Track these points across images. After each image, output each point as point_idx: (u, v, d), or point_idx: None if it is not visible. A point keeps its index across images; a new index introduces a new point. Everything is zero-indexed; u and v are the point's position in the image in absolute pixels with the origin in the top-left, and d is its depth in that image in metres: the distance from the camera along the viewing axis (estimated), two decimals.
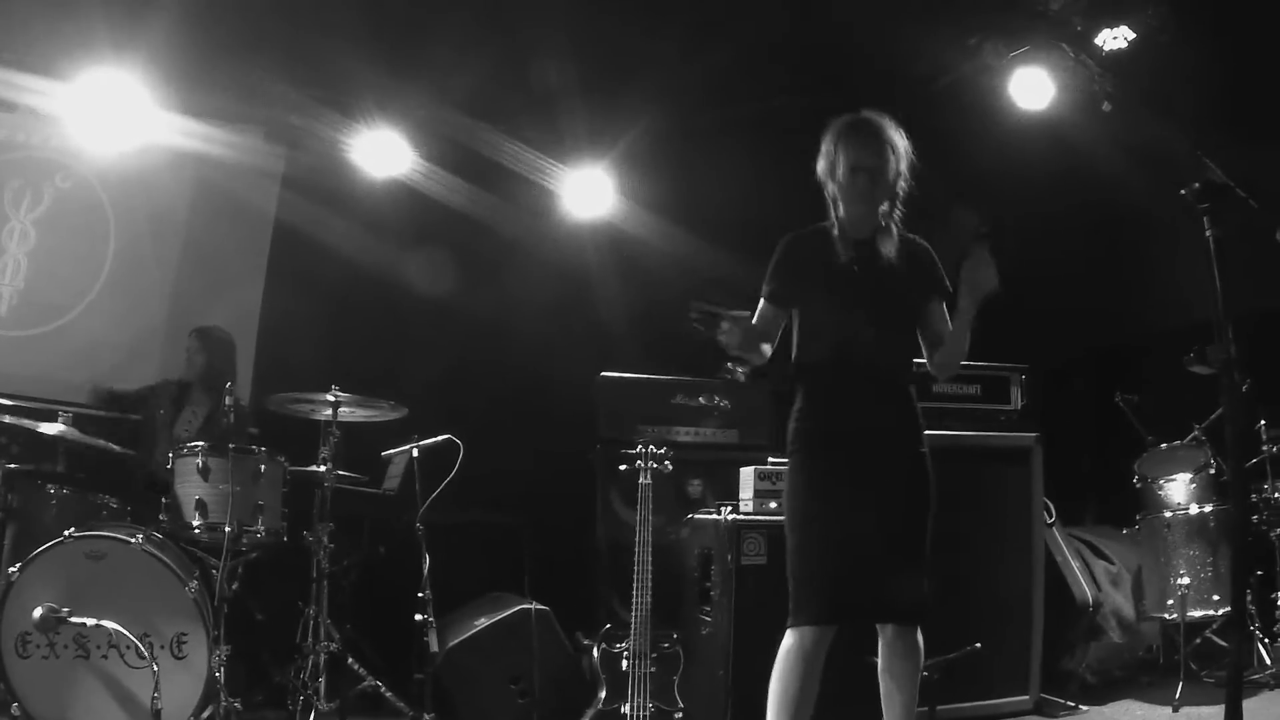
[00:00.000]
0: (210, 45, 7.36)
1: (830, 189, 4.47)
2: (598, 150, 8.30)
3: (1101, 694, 6.62)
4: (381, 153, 8.09)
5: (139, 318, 8.29)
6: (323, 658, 5.84)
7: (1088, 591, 6.74)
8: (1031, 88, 7.08)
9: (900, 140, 4.41)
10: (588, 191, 8.43)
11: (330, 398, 6.03)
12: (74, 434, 5.96)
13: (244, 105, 8.18)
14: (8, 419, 5.90)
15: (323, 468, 6.09)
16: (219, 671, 5.29)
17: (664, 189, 8.39)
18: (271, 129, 8.39)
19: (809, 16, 7.09)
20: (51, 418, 5.96)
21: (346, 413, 6.16)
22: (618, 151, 8.31)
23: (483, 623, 6.35)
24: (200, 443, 5.89)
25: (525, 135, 8.11)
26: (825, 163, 4.46)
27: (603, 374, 7.15)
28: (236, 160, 8.36)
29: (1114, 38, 6.68)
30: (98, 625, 4.97)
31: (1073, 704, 6.31)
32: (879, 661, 4.39)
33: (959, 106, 7.47)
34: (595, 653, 5.49)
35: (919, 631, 4.36)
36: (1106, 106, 6.82)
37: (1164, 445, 6.90)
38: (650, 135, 8.14)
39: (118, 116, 7.70)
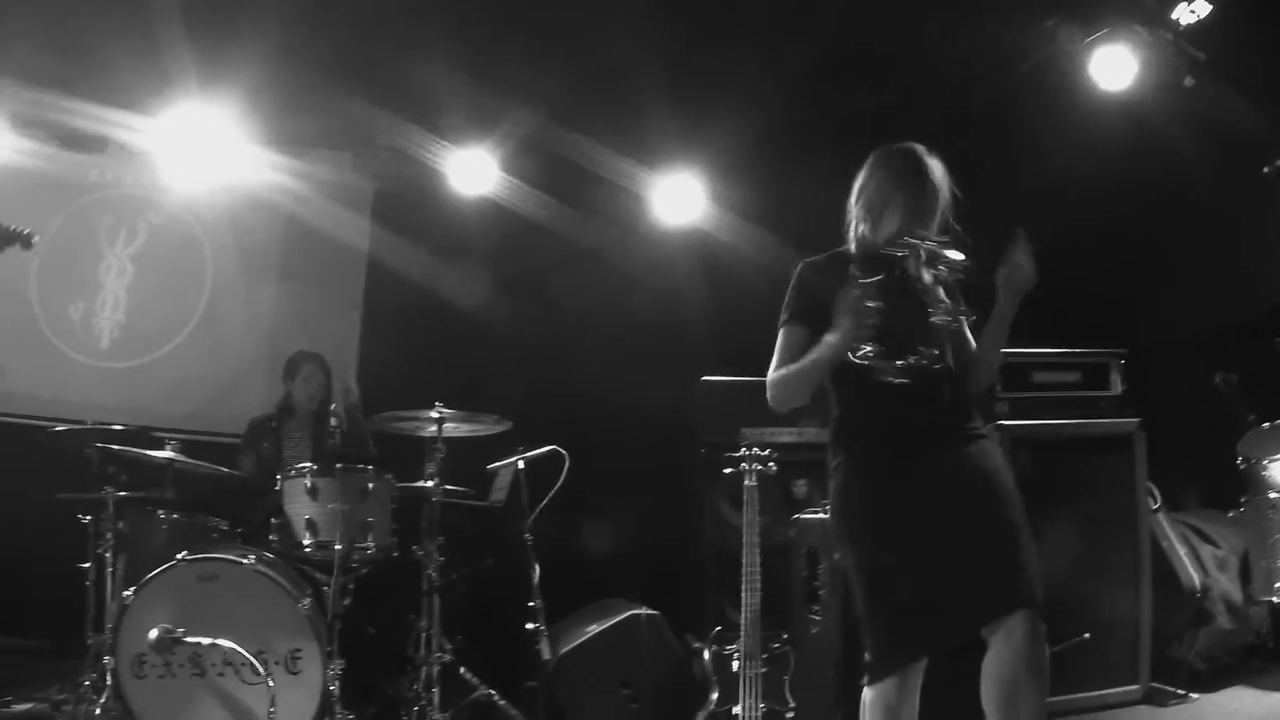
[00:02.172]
0: (296, 74, 7.41)
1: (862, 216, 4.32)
2: (687, 157, 8.26)
3: (1211, 681, 6.47)
4: (470, 170, 8.13)
5: (237, 348, 8.47)
6: (435, 669, 5.88)
7: (1195, 577, 6.62)
8: (1112, 68, 7.00)
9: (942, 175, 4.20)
10: (677, 198, 8.39)
11: (434, 414, 6.06)
12: (182, 459, 6.05)
13: (331, 132, 8.34)
14: (116, 447, 5.97)
15: (430, 483, 6.13)
16: (333, 685, 5.35)
17: (755, 194, 8.34)
18: (360, 154, 8.52)
19: (885, 16, 7.07)
20: (159, 445, 6.06)
21: (451, 428, 6.19)
22: (708, 158, 8.27)
23: (593, 629, 6.36)
24: (308, 464, 5.99)
25: (613, 144, 8.08)
26: (870, 196, 4.31)
27: (704, 378, 7.14)
28: (326, 187, 8.53)
29: (1190, 11, 6.60)
30: (213, 644, 5.08)
31: (1183, 692, 6.21)
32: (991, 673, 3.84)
33: (1039, 92, 7.41)
34: (706, 655, 5.49)
35: (1037, 621, 3.80)
36: (1189, 82, 6.74)
37: (1266, 425, 6.78)
38: (741, 140, 8.08)
39: (207, 151, 7.86)
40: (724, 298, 8.17)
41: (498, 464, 6.52)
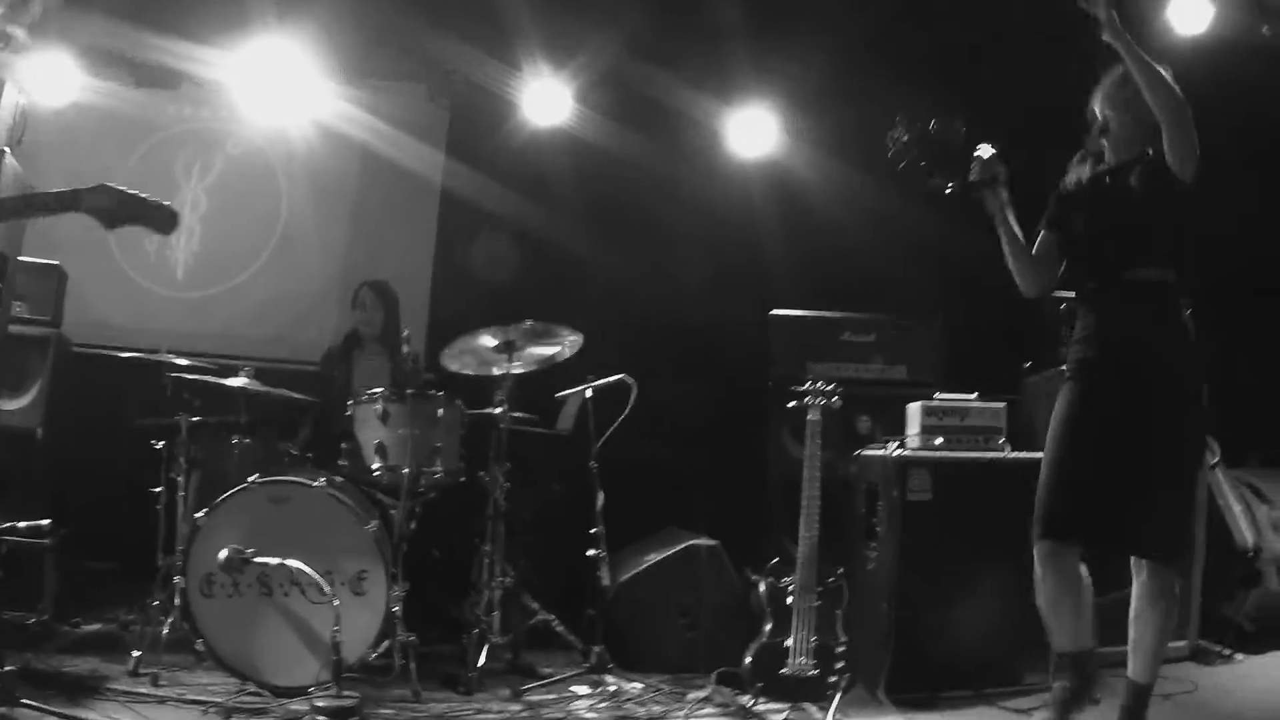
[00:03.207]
0: (371, 6, 7.55)
1: None
2: (762, 89, 8.22)
3: (1259, 643, 6.45)
4: (545, 101, 8.15)
5: (314, 275, 8.66)
6: (497, 593, 5.97)
7: (1248, 536, 6.59)
8: (1189, 11, 6.91)
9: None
10: (752, 130, 8.33)
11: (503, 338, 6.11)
12: (255, 385, 6.16)
13: (407, 64, 8.40)
14: (189, 375, 6.10)
15: (498, 409, 6.19)
16: (396, 607, 5.46)
17: (829, 127, 8.30)
18: (434, 85, 8.55)
19: None
20: (232, 373, 6.17)
21: (519, 356, 6.22)
22: (783, 90, 8.23)
23: (653, 558, 6.44)
24: (379, 390, 6.07)
25: (689, 76, 8.08)
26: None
27: (773, 312, 7.15)
28: (401, 118, 8.60)
29: None
30: (280, 564, 5.17)
31: (1229, 652, 6.22)
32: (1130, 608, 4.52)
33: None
34: (762, 587, 5.53)
35: (1173, 578, 4.49)
36: (1266, 31, 6.64)
37: None
38: (817, 73, 8.05)
39: (282, 85, 7.98)
40: (798, 231, 8.17)
41: (566, 392, 6.56)
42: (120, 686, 5.22)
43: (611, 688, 5.69)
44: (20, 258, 5.99)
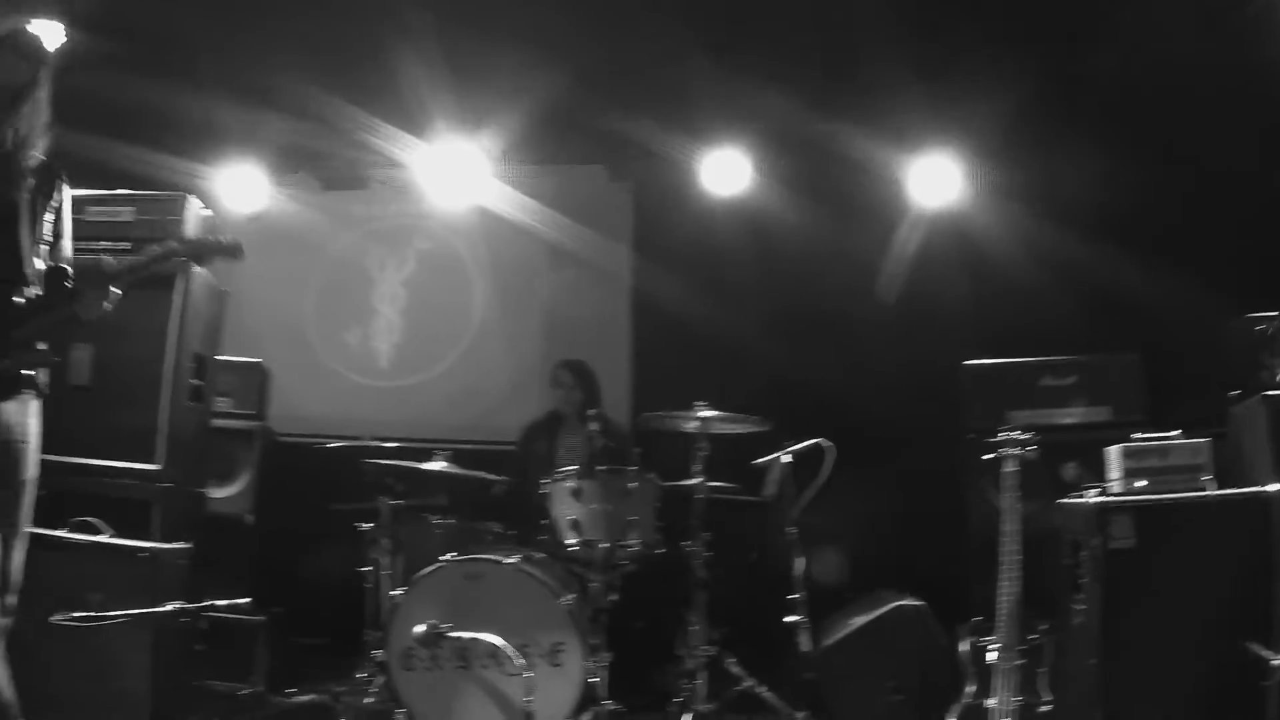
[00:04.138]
0: (548, 92, 7.70)
1: None
2: (942, 137, 8.11)
3: None
4: (724, 170, 8.24)
5: (511, 360, 8.86)
6: (700, 661, 5.95)
7: None
8: None
9: None
10: (934, 179, 8.23)
11: (697, 415, 6.17)
12: (452, 468, 6.35)
13: (586, 145, 8.63)
14: (389, 461, 6.31)
15: (696, 480, 6.22)
16: (596, 677, 5.49)
17: (1015, 175, 8.13)
18: (614, 164, 8.79)
19: None
20: (429, 456, 6.36)
21: (714, 426, 6.25)
22: (963, 136, 8.09)
23: (858, 621, 6.31)
24: (572, 466, 6.21)
25: (866, 128, 8.00)
26: None
27: (966, 362, 7.05)
28: (585, 200, 8.85)
29: None
30: (476, 639, 5.28)
31: None
32: None
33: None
34: (964, 646, 5.43)
35: None
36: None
37: None
38: (999, 119, 7.94)
39: (466, 176, 8.32)
40: (982, 278, 8.04)
41: (764, 459, 6.57)
42: None
43: None
44: (222, 357, 6.32)
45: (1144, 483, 5.53)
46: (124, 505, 5.60)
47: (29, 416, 4.30)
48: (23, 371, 4.25)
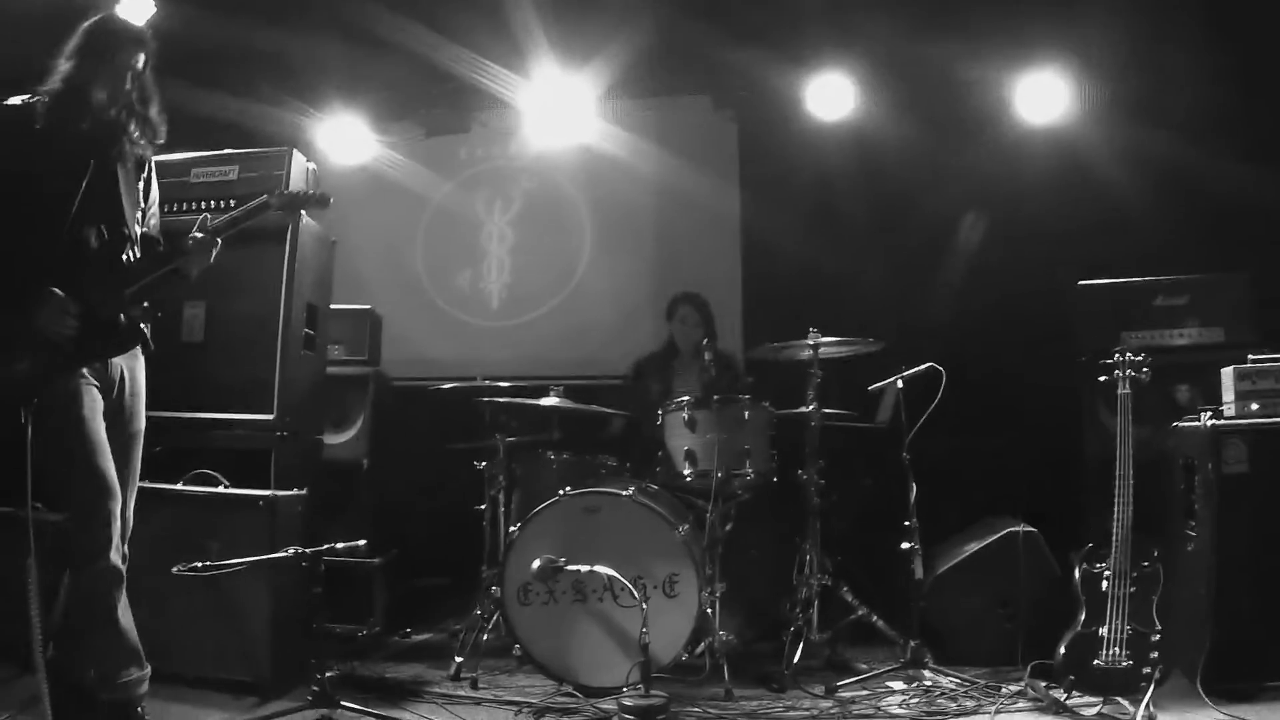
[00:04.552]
0: (651, 22, 7.70)
1: None
2: (1051, 51, 7.86)
3: None
4: (829, 95, 8.08)
5: (622, 295, 8.86)
6: (815, 590, 5.99)
7: None
8: None
9: None
10: (1041, 96, 7.96)
11: (810, 341, 6.14)
12: (566, 403, 6.37)
13: (689, 75, 8.57)
14: (504, 399, 6.39)
15: (809, 408, 6.21)
16: (710, 607, 5.51)
17: (1124, 89, 7.86)
18: (718, 93, 8.68)
19: None
20: (543, 392, 6.38)
21: (827, 352, 6.23)
22: (1074, 51, 7.84)
23: (971, 548, 6.29)
24: (686, 397, 6.21)
25: (972, 43, 7.84)
26: None
27: (1081, 282, 6.88)
28: (691, 132, 8.80)
29: None
30: (591, 571, 5.31)
31: None
32: None
33: None
34: (1077, 573, 5.33)
35: None
36: None
37: None
38: (1109, 32, 7.69)
39: (569, 113, 8.28)
40: (1091, 197, 7.85)
41: (878, 384, 6.51)
42: (440, 690, 5.54)
43: (926, 683, 5.57)
44: (334, 305, 6.41)
45: (1258, 406, 5.40)
46: (242, 456, 5.75)
47: (140, 370, 4.53)
48: (134, 327, 4.44)
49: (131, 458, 4.50)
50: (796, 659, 5.76)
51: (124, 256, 4.44)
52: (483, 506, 6.46)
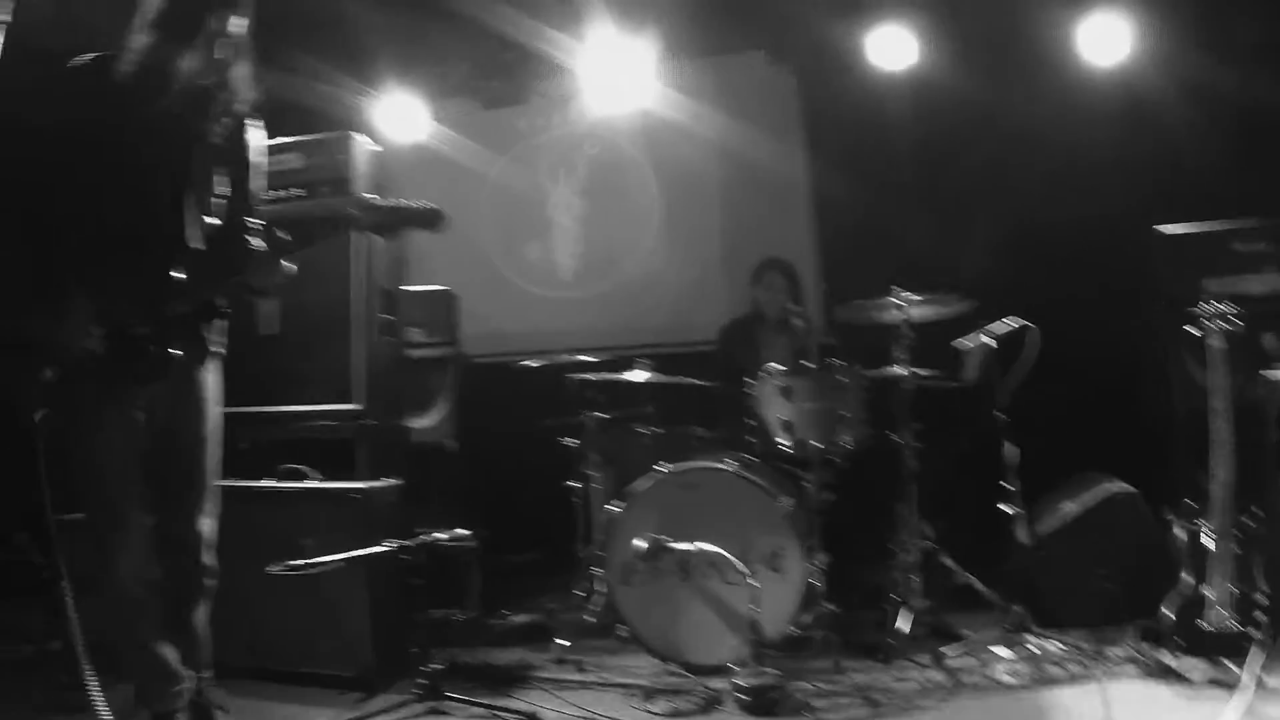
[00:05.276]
0: None
1: None
2: None
3: None
4: (889, 44, 7.86)
5: (697, 259, 8.73)
6: (915, 557, 5.90)
7: None
8: None
9: None
10: (1106, 37, 7.65)
11: (895, 300, 6.03)
12: (656, 377, 6.29)
13: (743, 32, 8.40)
14: (593, 375, 6.34)
15: (899, 370, 6.09)
16: (815, 579, 5.43)
17: (1190, 27, 7.64)
18: (774, 49, 8.49)
19: None
20: (631, 364, 6.34)
21: (914, 312, 6.09)
22: None
23: (1069, 509, 6.18)
24: (778, 365, 6.09)
25: None
26: None
27: (1156, 228, 6.69)
28: (749, 89, 8.62)
29: None
30: (697, 549, 5.25)
31: None
32: None
33: None
34: (1177, 532, 5.16)
35: None
36: None
37: None
38: None
39: (627, 76, 8.15)
40: (1165, 141, 7.61)
41: (966, 342, 6.35)
42: (546, 674, 5.51)
43: (1031, 648, 5.45)
44: (408, 288, 6.31)
45: None
46: (328, 448, 5.70)
47: (207, 374, 4.24)
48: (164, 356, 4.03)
49: (195, 466, 4.21)
50: (901, 627, 5.66)
51: (181, 260, 3.98)
52: (574, 484, 6.42)
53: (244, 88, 4.17)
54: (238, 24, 4.04)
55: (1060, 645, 5.43)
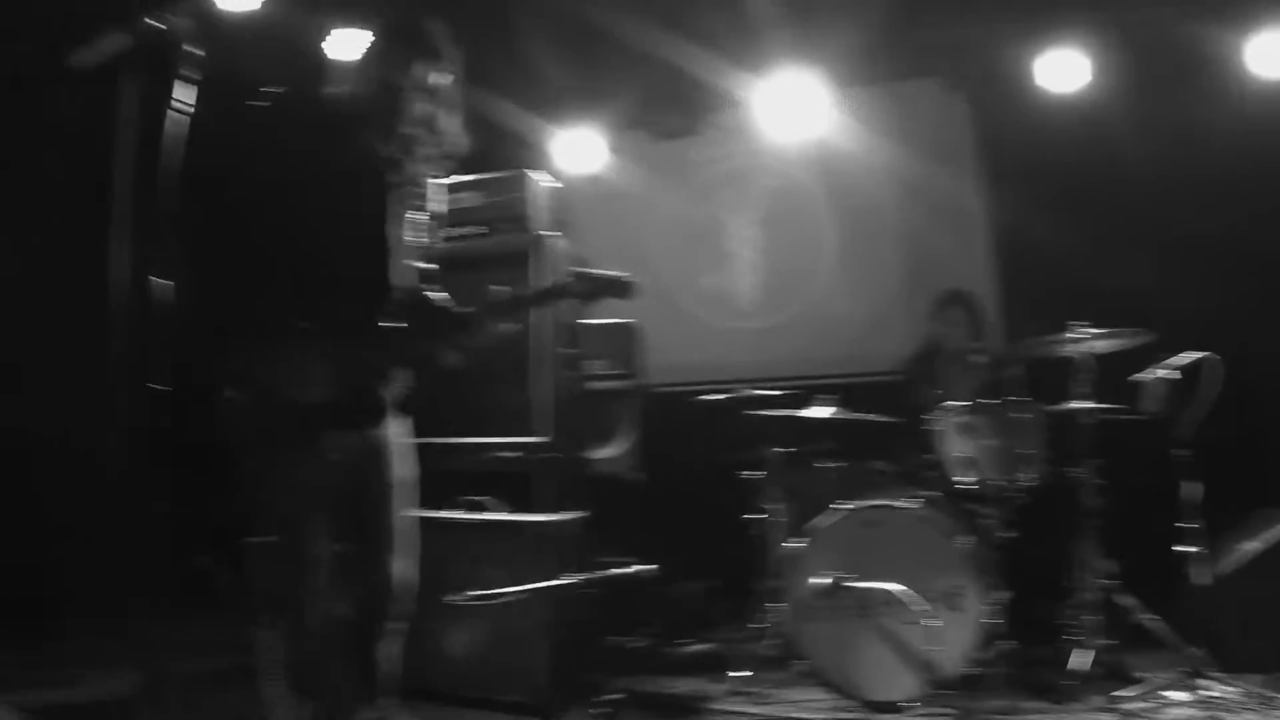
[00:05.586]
0: (873, 10, 7.54)
1: None
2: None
3: None
4: (1063, 68, 7.77)
5: (876, 289, 8.68)
6: (1092, 595, 5.81)
7: None
8: None
9: None
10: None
11: (1076, 335, 5.94)
12: (837, 413, 6.29)
13: (919, 57, 8.38)
14: (773, 412, 6.36)
15: (1079, 404, 6.00)
16: (993, 618, 5.41)
17: None
18: (947, 76, 8.45)
19: None
20: (811, 399, 6.35)
21: (1095, 345, 6.00)
22: None
23: (1250, 548, 6.03)
24: (959, 401, 6.09)
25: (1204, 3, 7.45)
26: None
27: None
28: (924, 117, 8.57)
29: None
30: (876, 588, 5.30)
31: None
32: None
33: None
34: None
35: None
36: None
37: None
38: None
39: (801, 105, 8.19)
40: None
41: (1145, 374, 6.20)
42: (721, 705, 5.60)
43: (1206, 692, 5.33)
44: (590, 320, 6.39)
45: None
46: (510, 479, 5.84)
47: (388, 428, 4.20)
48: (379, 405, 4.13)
49: (382, 510, 4.18)
50: (1077, 667, 5.58)
51: (384, 313, 4.03)
52: (754, 517, 6.45)
53: (453, 139, 4.19)
54: (443, 76, 4.11)
55: (1238, 691, 5.31)
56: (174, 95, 2.87)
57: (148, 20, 2.74)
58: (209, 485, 4.06)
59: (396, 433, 4.23)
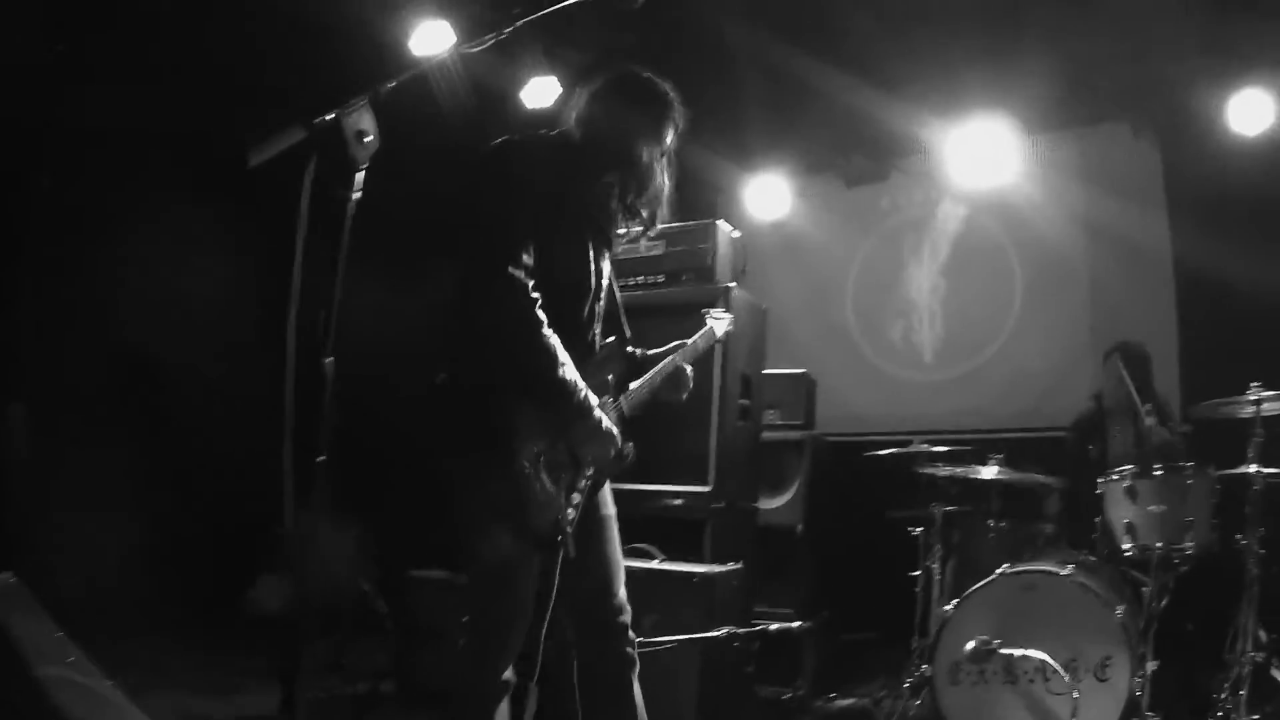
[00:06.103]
0: (1071, 50, 7.55)
1: None
2: None
3: None
4: (1251, 109, 7.57)
5: (1059, 342, 8.62)
6: (1246, 669, 5.67)
7: None
8: None
9: None
10: None
11: (1252, 397, 5.80)
12: (1006, 474, 6.26)
13: (1106, 104, 8.29)
14: (942, 470, 6.36)
15: (1251, 469, 5.83)
16: (1140, 691, 5.37)
17: None
18: (1137, 120, 8.33)
19: None
20: (984, 456, 6.36)
21: (1270, 406, 5.83)
22: None
23: None
24: (1128, 466, 5.98)
25: None
26: None
27: None
28: (1112, 163, 8.48)
29: None
30: (1025, 655, 5.34)
31: None
32: None
33: None
34: None
35: None
36: None
37: None
38: None
39: (989, 153, 8.20)
40: None
41: None
42: None
43: None
44: (768, 370, 6.56)
45: None
46: (679, 526, 6.02)
47: None
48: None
49: (608, 540, 4.21)
50: None
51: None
52: (917, 573, 6.49)
53: (660, 205, 4.13)
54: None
55: None
56: (347, 183, 3.02)
57: (323, 117, 2.95)
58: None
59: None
